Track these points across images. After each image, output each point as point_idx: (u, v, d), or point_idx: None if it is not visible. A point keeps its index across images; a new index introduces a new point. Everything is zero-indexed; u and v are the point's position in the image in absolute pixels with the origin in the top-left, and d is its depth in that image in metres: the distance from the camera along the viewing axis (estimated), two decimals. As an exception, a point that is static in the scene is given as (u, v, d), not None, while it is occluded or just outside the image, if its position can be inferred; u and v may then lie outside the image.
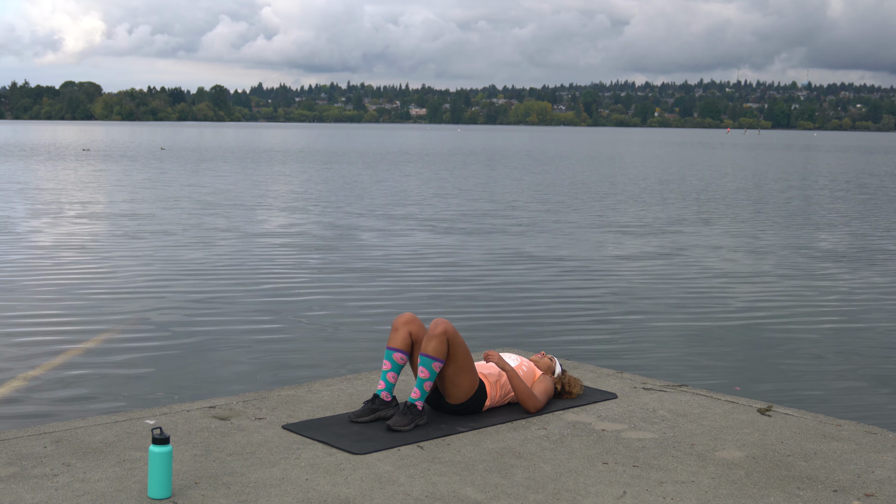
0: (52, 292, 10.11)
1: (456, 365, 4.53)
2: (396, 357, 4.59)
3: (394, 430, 4.37)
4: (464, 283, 11.24)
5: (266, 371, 7.18)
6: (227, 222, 17.23)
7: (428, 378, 4.47)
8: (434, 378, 4.48)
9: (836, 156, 66.18)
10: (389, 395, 4.58)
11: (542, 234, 16.29)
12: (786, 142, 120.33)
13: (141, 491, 3.57)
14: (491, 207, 21.29)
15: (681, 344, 8.31)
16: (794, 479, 3.89)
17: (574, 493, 3.69)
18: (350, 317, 9.18)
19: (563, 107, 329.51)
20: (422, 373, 4.47)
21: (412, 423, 4.42)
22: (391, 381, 4.60)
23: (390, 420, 4.41)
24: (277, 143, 74.45)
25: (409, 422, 4.41)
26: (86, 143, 67.41)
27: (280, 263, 12.44)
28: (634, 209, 21.57)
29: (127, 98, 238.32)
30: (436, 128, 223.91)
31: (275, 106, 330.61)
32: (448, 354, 4.49)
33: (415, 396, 4.49)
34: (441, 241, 14.98)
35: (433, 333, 4.45)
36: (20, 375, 6.89)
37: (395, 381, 4.60)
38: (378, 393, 4.57)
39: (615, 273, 12.14)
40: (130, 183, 27.77)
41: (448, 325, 4.49)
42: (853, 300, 10.53)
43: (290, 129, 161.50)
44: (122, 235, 15.10)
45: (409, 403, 4.46)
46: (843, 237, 16.65)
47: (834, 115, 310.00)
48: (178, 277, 11.21)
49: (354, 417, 4.52)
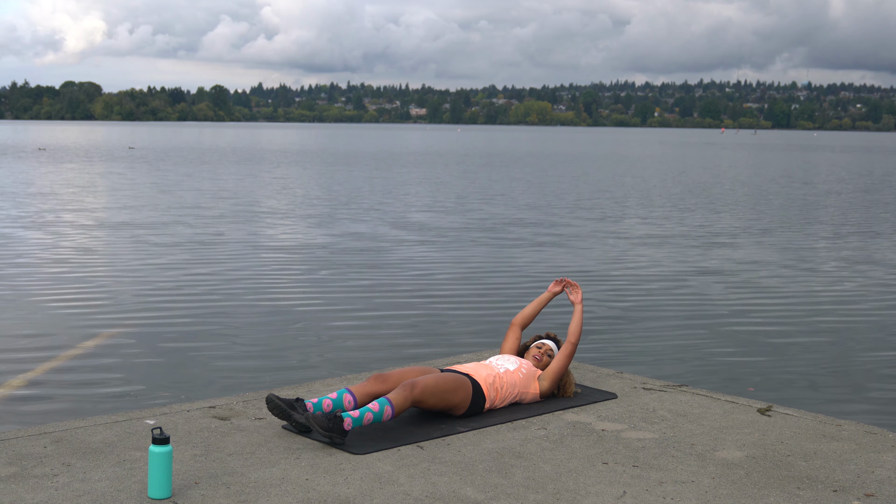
0: (52, 292, 10.11)
1: (437, 399, 4.48)
2: (346, 398, 4.40)
3: (310, 423, 4.13)
4: (463, 283, 11.24)
5: (266, 371, 7.18)
6: (228, 222, 17.23)
7: (375, 412, 4.24)
8: (379, 420, 4.26)
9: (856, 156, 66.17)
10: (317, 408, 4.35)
11: (543, 233, 16.30)
12: (788, 142, 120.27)
13: (141, 491, 3.57)
14: (495, 210, 21.28)
15: (681, 344, 8.31)
16: (794, 479, 3.89)
17: (574, 493, 3.69)
18: (350, 317, 9.18)
19: (563, 107, 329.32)
20: (373, 406, 4.26)
21: (329, 432, 4.10)
22: (332, 402, 4.37)
23: (315, 415, 4.15)
24: (277, 144, 74.45)
25: (327, 428, 4.10)
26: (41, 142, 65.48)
27: (280, 264, 12.44)
28: (633, 210, 21.57)
29: (127, 98, 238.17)
30: (436, 128, 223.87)
31: (275, 106, 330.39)
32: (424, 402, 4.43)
33: (352, 415, 4.20)
34: (442, 242, 14.98)
35: (405, 390, 4.35)
36: (20, 375, 6.89)
37: (330, 408, 4.36)
38: (320, 401, 4.35)
39: (615, 273, 12.14)
40: (129, 184, 27.77)
41: (423, 390, 4.40)
42: (853, 300, 10.53)
43: (290, 130, 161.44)
44: (122, 236, 15.10)
45: (339, 416, 4.16)
46: (843, 237, 16.64)
47: (834, 115, 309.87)
48: (178, 277, 11.20)
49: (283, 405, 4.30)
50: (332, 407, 4.37)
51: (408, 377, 4.55)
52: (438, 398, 4.49)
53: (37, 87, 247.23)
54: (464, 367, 4.81)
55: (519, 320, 5.35)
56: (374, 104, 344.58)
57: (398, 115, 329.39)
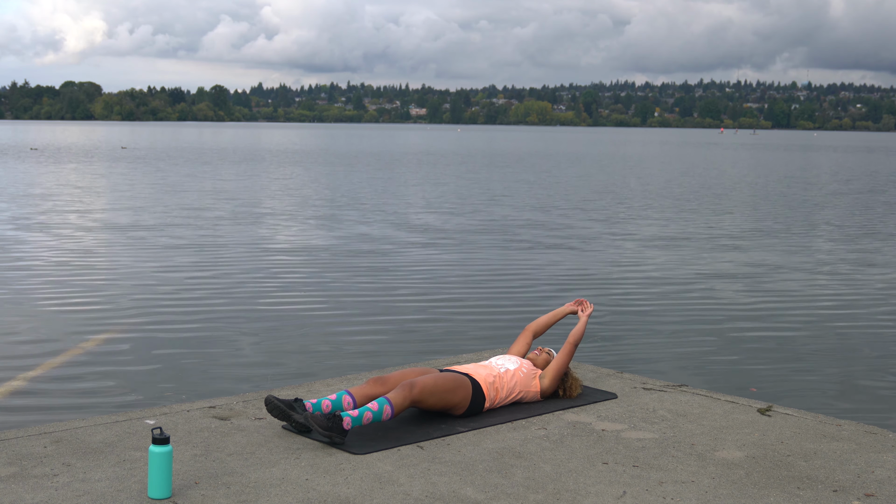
0: (52, 292, 10.11)
1: (437, 399, 4.48)
2: (345, 399, 4.40)
3: (309, 423, 4.15)
4: (466, 285, 11.24)
5: (266, 371, 7.18)
6: (228, 223, 17.23)
7: (375, 412, 4.25)
8: (378, 419, 4.27)
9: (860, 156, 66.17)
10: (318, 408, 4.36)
11: (545, 233, 16.30)
12: (789, 142, 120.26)
13: (141, 491, 3.57)
14: (496, 211, 21.28)
15: (681, 344, 8.31)
16: (794, 479, 3.89)
17: (574, 493, 3.69)
18: (350, 318, 9.18)
19: (563, 107, 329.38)
20: (372, 405, 4.27)
21: (328, 431, 4.11)
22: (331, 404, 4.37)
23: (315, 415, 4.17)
24: (277, 144, 74.46)
25: (327, 427, 4.11)
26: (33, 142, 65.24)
27: (281, 264, 12.43)
28: (635, 212, 21.56)
29: (127, 98, 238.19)
30: (436, 128, 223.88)
31: (275, 106, 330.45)
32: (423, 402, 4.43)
33: (351, 414, 4.21)
34: (444, 243, 14.98)
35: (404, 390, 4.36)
36: (20, 375, 6.89)
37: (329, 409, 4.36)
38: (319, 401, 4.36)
39: (615, 273, 12.14)
40: (117, 184, 27.77)
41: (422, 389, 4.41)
42: (853, 299, 10.53)
43: (290, 130, 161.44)
44: (122, 236, 15.10)
45: (339, 415, 4.16)
46: (842, 237, 16.64)
47: (834, 115, 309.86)
48: (179, 278, 11.20)
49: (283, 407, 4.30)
50: (331, 408, 4.37)
51: (407, 378, 4.55)
52: (438, 398, 4.49)
53: (37, 87, 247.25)
54: (463, 367, 4.81)
55: (533, 327, 5.33)
56: (374, 104, 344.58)
57: (398, 115, 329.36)
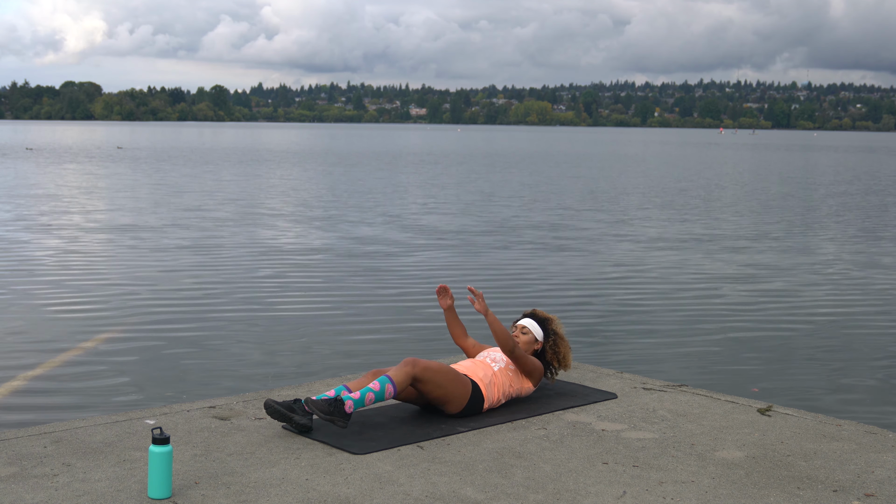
0: (52, 292, 10.11)
1: (436, 384, 4.48)
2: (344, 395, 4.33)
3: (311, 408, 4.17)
4: (463, 283, 11.24)
5: (266, 371, 7.18)
6: (228, 223, 17.23)
7: (377, 391, 4.28)
8: (382, 398, 4.30)
9: (861, 156, 66.17)
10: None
11: (545, 234, 16.30)
12: (789, 142, 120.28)
13: (141, 491, 3.57)
14: (497, 212, 21.28)
15: (681, 344, 8.31)
16: (794, 479, 3.89)
17: (574, 493, 3.69)
18: (351, 318, 9.18)
19: (563, 107, 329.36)
20: (374, 385, 4.32)
21: (330, 416, 4.16)
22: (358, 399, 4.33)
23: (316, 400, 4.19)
24: (277, 144, 74.46)
25: (329, 412, 4.16)
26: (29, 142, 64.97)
27: (281, 265, 12.44)
28: (637, 212, 21.57)
29: (127, 98, 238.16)
30: (436, 128, 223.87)
31: (275, 106, 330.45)
32: (424, 383, 4.43)
33: (353, 397, 4.26)
34: (446, 244, 14.98)
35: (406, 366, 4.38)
36: (20, 375, 6.89)
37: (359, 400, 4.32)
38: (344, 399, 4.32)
39: (615, 273, 12.14)
40: (124, 185, 27.77)
41: (425, 368, 4.42)
42: (854, 299, 10.53)
43: (290, 130, 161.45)
44: (122, 236, 15.10)
45: (340, 399, 4.20)
46: (843, 237, 16.64)
47: (834, 115, 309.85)
48: (178, 278, 11.20)
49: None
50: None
51: None
52: (437, 384, 4.47)
53: (37, 87, 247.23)
54: (460, 365, 4.80)
55: (455, 339, 5.19)
56: (374, 104, 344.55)
57: (398, 115, 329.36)
